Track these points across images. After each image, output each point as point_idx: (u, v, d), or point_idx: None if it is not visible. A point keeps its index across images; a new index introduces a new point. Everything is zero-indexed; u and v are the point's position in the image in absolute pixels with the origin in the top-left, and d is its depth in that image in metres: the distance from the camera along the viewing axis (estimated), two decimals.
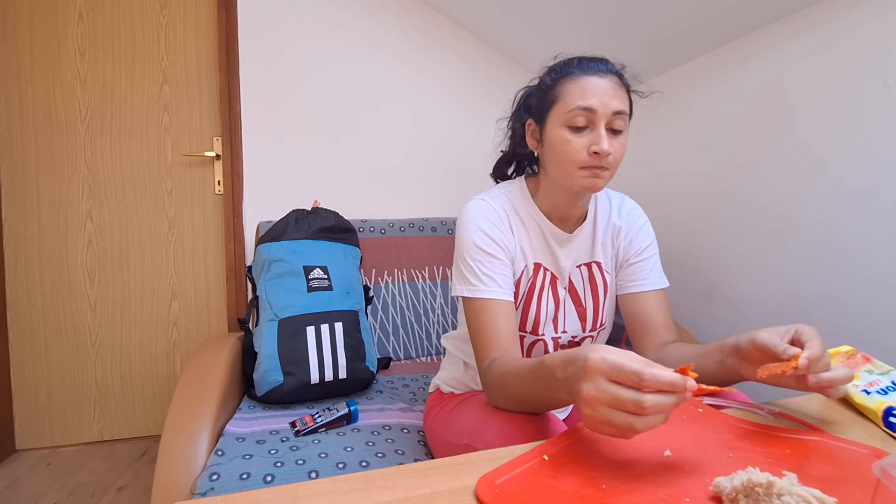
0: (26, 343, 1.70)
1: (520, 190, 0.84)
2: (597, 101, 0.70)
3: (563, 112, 0.72)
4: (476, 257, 0.77)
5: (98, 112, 1.70)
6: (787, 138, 1.20)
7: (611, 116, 0.70)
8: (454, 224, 1.71)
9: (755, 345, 0.56)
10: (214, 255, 1.81)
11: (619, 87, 0.73)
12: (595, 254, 0.85)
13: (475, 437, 0.69)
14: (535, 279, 0.82)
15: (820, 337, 0.54)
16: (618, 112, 0.71)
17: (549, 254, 0.83)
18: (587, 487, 0.43)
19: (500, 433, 0.63)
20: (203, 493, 0.82)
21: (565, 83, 0.73)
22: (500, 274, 0.77)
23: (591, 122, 0.71)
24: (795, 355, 0.52)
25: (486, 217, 0.79)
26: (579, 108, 0.70)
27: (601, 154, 0.70)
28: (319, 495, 0.42)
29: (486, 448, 0.51)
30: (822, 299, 1.14)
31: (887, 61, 0.99)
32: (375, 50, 1.80)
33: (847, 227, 1.08)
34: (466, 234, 0.78)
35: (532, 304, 0.82)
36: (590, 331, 0.86)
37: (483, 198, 0.81)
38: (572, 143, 0.72)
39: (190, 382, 1.05)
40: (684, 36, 1.40)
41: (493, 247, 0.77)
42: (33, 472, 1.58)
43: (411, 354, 1.57)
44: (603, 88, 0.71)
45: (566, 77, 0.74)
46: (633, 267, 0.84)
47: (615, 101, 0.71)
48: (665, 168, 1.60)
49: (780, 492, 0.37)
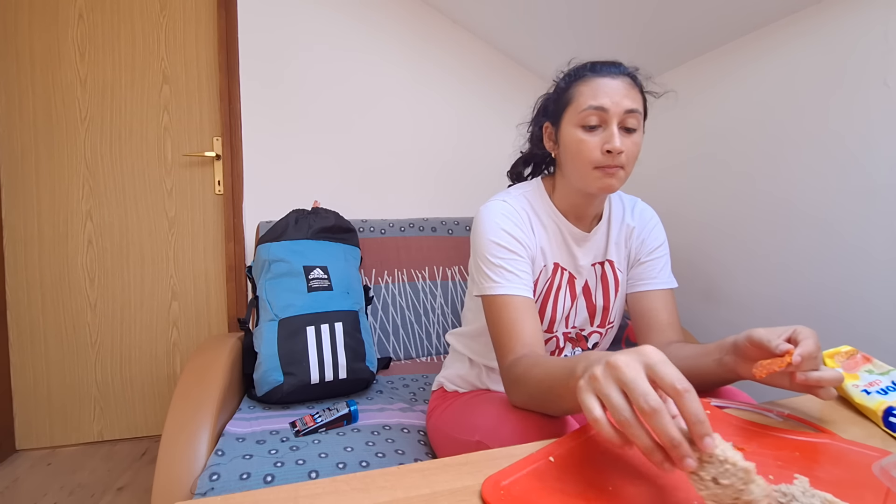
0: (26, 343, 1.70)
1: (537, 190, 0.85)
2: (608, 101, 0.71)
3: (577, 112, 0.74)
4: (498, 254, 0.77)
5: (98, 112, 1.71)
6: (787, 138, 1.20)
7: (623, 115, 0.72)
8: (454, 224, 1.71)
9: (751, 341, 0.57)
10: (214, 255, 1.81)
11: (631, 87, 0.74)
12: (609, 252, 0.86)
13: (489, 435, 0.68)
14: (553, 279, 0.83)
15: (816, 337, 0.54)
16: (630, 111, 0.72)
17: (568, 253, 0.84)
18: (593, 489, 0.42)
19: (516, 432, 0.63)
20: (203, 493, 0.82)
21: (578, 85, 0.75)
22: (522, 271, 0.77)
23: (604, 122, 0.72)
24: (788, 351, 0.52)
25: (507, 217, 0.79)
26: (591, 108, 0.72)
27: (613, 152, 0.71)
28: (319, 495, 0.42)
29: (499, 446, 0.51)
30: (822, 298, 1.14)
31: (887, 61, 0.99)
32: (375, 50, 1.80)
33: (847, 226, 1.08)
34: (486, 232, 0.78)
35: (549, 304, 0.83)
36: (598, 326, 0.87)
37: (503, 199, 0.82)
38: (586, 143, 0.73)
39: (190, 382, 1.05)
40: (684, 36, 1.40)
41: (515, 244, 0.78)
42: (33, 472, 1.58)
43: (411, 354, 1.57)
44: (614, 88, 0.72)
45: (579, 80, 0.76)
46: (644, 266, 0.85)
47: (627, 100, 0.72)
48: (666, 168, 1.60)
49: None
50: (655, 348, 0.41)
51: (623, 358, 0.40)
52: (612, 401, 0.39)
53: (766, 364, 0.53)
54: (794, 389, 0.55)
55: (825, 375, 0.52)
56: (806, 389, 0.54)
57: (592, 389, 0.41)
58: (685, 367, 0.69)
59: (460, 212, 1.83)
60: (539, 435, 0.59)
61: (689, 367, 0.68)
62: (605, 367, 0.41)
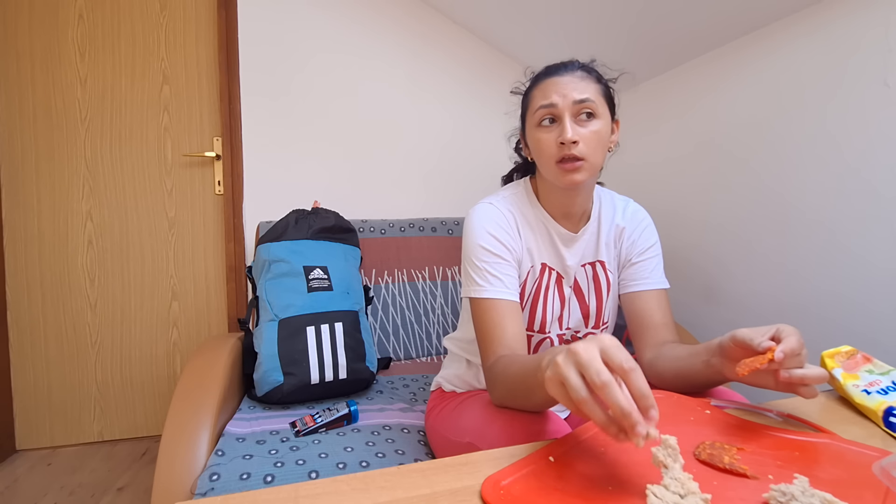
0: (26, 343, 1.70)
1: (525, 191, 0.86)
2: (556, 96, 0.74)
3: (532, 114, 0.77)
4: (482, 258, 0.78)
5: (98, 112, 1.71)
6: (787, 138, 1.20)
7: (573, 106, 0.73)
8: (454, 224, 1.71)
9: (735, 341, 0.57)
10: (214, 255, 1.81)
11: (582, 79, 0.76)
12: (599, 253, 0.86)
13: (478, 436, 0.69)
14: (542, 279, 0.83)
15: (799, 335, 0.54)
16: (580, 101, 0.73)
17: (555, 253, 0.84)
18: (593, 489, 0.42)
19: (503, 432, 0.63)
20: (203, 493, 0.82)
21: (533, 90, 0.79)
22: (507, 275, 0.78)
23: (557, 117, 0.74)
24: (771, 349, 0.52)
25: (493, 220, 0.80)
26: (542, 107, 0.75)
27: (566, 143, 0.72)
28: (319, 495, 0.42)
29: (488, 447, 0.52)
30: (823, 299, 1.14)
31: (887, 61, 0.99)
32: (375, 49, 1.80)
33: (847, 226, 1.08)
34: (473, 236, 0.80)
35: (539, 304, 0.83)
36: (592, 327, 0.87)
37: (490, 201, 0.83)
38: (543, 140, 0.76)
39: (190, 382, 1.04)
40: (684, 36, 1.40)
41: (500, 248, 0.79)
42: (33, 472, 1.58)
43: (411, 354, 1.57)
44: (563, 84, 0.74)
45: (535, 84, 0.80)
46: (635, 267, 0.85)
47: (575, 92, 0.73)
48: (665, 168, 1.60)
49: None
50: (611, 336, 0.46)
51: (581, 344, 0.45)
52: (570, 382, 0.44)
53: (749, 362, 0.53)
54: (778, 389, 0.55)
55: (809, 373, 0.52)
56: (789, 388, 0.54)
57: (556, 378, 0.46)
58: (676, 368, 0.69)
59: (461, 212, 1.83)
60: (526, 436, 0.60)
61: (679, 369, 0.68)
62: (566, 353, 0.46)
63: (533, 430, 0.61)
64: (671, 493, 0.40)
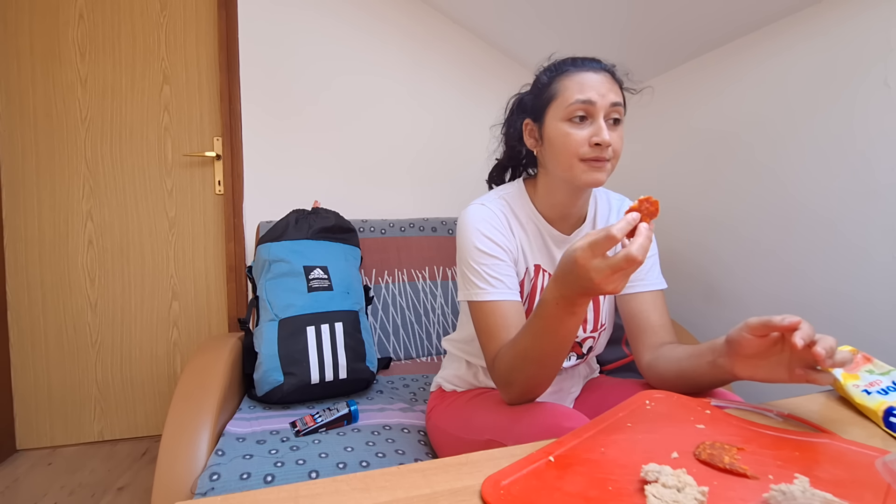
0: (26, 343, 1.70)
1: (518, 192, 0.85)
2: (595, 94, 0.72)
3: (563, 107, 0.74)
4: (480, 260, 0.77)
5: (98, 112, 1.71)
6: (787, 138, 1.20)
7: (609, 108, 0.72)
8: (454, 224, 1.71)
9: (750, 329, 0.56)
10: (215, 255, 1.81)
11: (612, 81, 0.75)
12: None
13: (502, 433, 0.69)
14: (536, 280, 0.83)
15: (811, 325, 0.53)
16: (615, 104, 0.73)
17: (548, 255, 0.84)
18: (593, 489, 0.42)
19: (532, 427, 0.63)
20: (203, 493, 0.82)
21: (562, 80, 0.76)
22: (506, 275, 0.77)
23: (591, 115, 0.73)
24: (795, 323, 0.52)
25: (487, 220, 0.79)
26: (579, 102, 0.72)
27: (603, 144, 0.71)
28: (319, 495, 0.42)
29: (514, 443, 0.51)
30: (823, 299, 1.14)
31: (887, 61, 0.99)
32: (375, 49, 1.80)
33: (848, 226, 1.08)
34: (468, 238, 0.79)
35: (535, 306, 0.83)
36: (591, 331, 0.86)
37: (481, 202, 0.82)
38: (573, 136, 0.73)
39: (190, 382, 1.05)
40: (684, 36, 1.40)
41: (496, 249, 0.78)
42: (34, 472, 1.58)
43: (411, 354, 1.57)
44: (599, 82, 0.73)
45: (562, 74, 0.76)
46: None
47: (612, 94, 0.73)
48: (665, 168, 1.60)
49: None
50: (577, 251, 0.55)
51: (594, 273, 0.55)
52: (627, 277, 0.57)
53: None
54: (792, 381, 0.54)
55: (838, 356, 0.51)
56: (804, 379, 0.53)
57: (618, 285, 0.56)
58: (678, 370, 0.68)
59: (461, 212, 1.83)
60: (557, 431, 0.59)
61: (682, 370, 0.68)
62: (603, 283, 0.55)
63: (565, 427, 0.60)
64: (669, 490, 0.40)
